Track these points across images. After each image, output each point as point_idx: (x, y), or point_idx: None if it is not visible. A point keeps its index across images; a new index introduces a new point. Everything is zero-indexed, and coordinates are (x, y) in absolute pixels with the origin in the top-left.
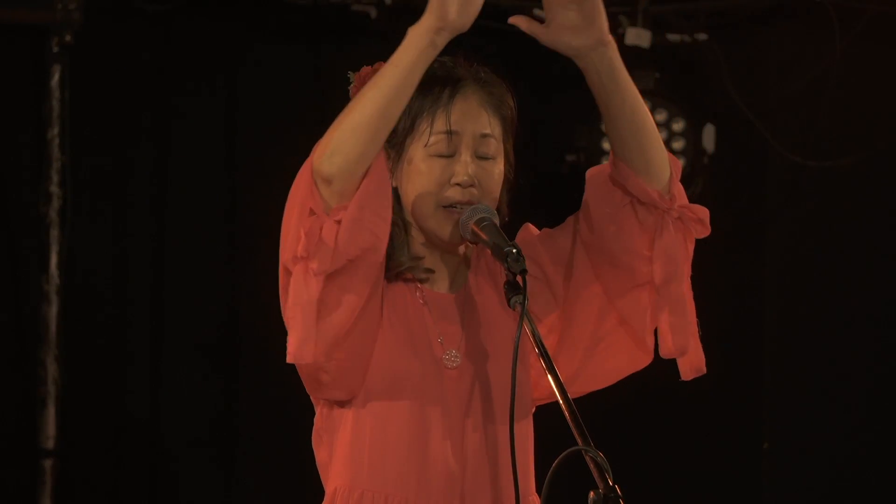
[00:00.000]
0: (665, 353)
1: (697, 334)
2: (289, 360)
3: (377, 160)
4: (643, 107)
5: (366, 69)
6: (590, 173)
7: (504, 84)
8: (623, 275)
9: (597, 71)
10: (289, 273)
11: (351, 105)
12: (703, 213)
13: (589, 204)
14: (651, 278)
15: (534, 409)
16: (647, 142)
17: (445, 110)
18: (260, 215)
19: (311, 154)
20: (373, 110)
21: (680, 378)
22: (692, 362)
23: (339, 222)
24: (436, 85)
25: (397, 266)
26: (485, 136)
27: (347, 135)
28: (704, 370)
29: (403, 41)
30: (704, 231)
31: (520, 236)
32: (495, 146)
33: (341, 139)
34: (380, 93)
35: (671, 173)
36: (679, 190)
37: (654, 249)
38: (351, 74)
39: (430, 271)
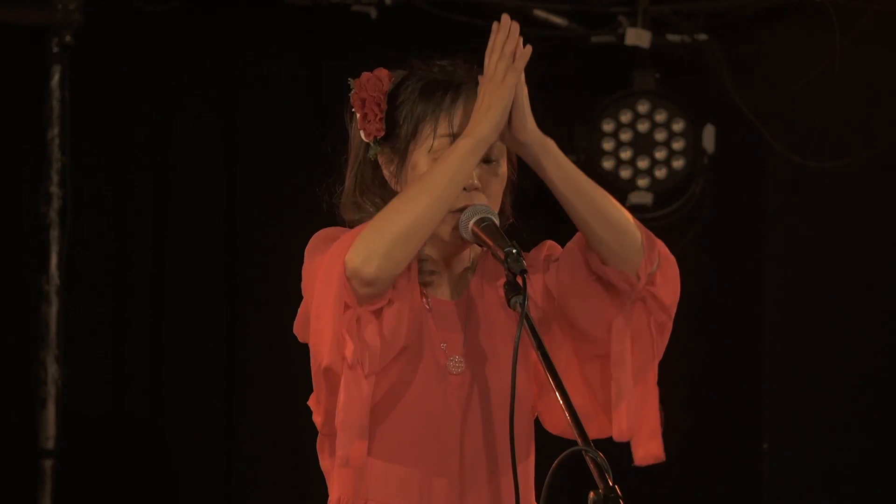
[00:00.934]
0: (615, 433)
1: (657, 420)
2: (338, 464)
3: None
4: (596, 197)
5: (365, 75)
6: (570, 243)
7: None
8: (586, 343)
9: (529, 163)
10: (332, 373)
11: (394, 207)
12: (669, 297)
13: (558, 271)
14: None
15: (535, 416)
16: (604, 230)
17: (448, 113)
18: (261, 215)
19: (340, 244)
20: (418, 215)
21: (678, 377)
22: (646, 449)
23: (376, 315)
24: (437, 90)
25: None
26: None
27: (391, 239)
28: (663, 458)
29: (450, 152)
30: (665, 318)
31: (532, 255)
32: (498, 148)
33: (384, 243)
34: (426, 198)
35: (643, 253)
36: (650, 269)
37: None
38: (351, 81)
39: (433, 272)
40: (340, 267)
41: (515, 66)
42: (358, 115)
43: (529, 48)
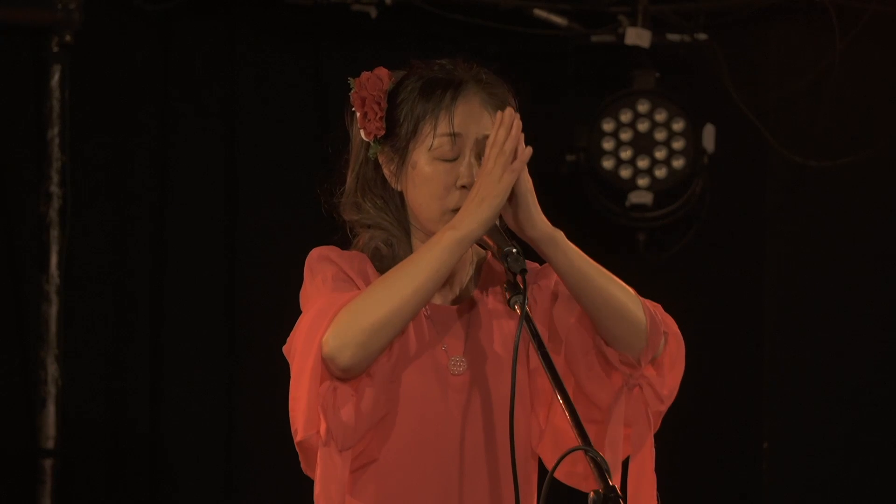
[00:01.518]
0: None
1: (654, 496)
2: None
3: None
4: (603, 287)
5: (365, 74)
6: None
7: (505, 85)
8: (588, 405)
9: (538, 253)
10: (306, 445)
11: (375, 294)
12: (668, 386)
13: (568, 334)
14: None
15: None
16: (609, 319)
17: (448, 112)
18: (261, 215)
19: (322, 314)
20: (397, 307)
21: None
22: None
23: (354, 388)
24: (437, 88)
25: (374, 243)
26: (487, 137)
27: (368, 328)
28: None
29: (435, 242)
30: (660, 407)
31: (540, 273)
32: None
33: (361, 332)
34: (407, 289)
35: (646, 339)
36: (653, 354)
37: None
38: (351, 80)
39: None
40: (318, 346)
41: (514, 166)
42: (358, 114)
43: (530, 150)
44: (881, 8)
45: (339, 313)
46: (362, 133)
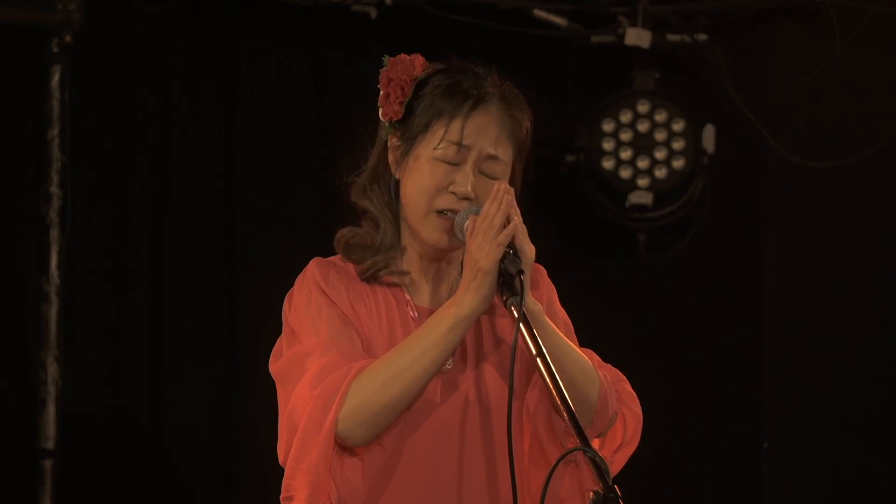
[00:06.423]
0: None
1: None
2: None
3: None
4: (567, 366)
5: (401, 56)
6: None
7: (527, 109)
8: (539, 448)
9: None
10: None
11: (386, 374)
12: (611, 462)
13: (537, 387)
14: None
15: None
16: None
17: (462, 121)
18: (261, 215)
19: (331, 385)
20: (407, 388)
21: (678, 377)
22: None
23: (361, 456)
24: (461, 93)
25: (377, 267)
26: (492, 157)
27: (381, 409)
28: None
29: (440, 320)
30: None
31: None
32: (501, 168)
33: (374, 413)
34: (417, 369)
35: (591, 423)
36: (594, 435)
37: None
38: (386, 58)
39: (404, 273)
40: (330, 423)
41: (499, 240)
42: (381, 93)
43: (514, 224)
44: (881, 8)
45: (350, 392)
46: (380, 112)
